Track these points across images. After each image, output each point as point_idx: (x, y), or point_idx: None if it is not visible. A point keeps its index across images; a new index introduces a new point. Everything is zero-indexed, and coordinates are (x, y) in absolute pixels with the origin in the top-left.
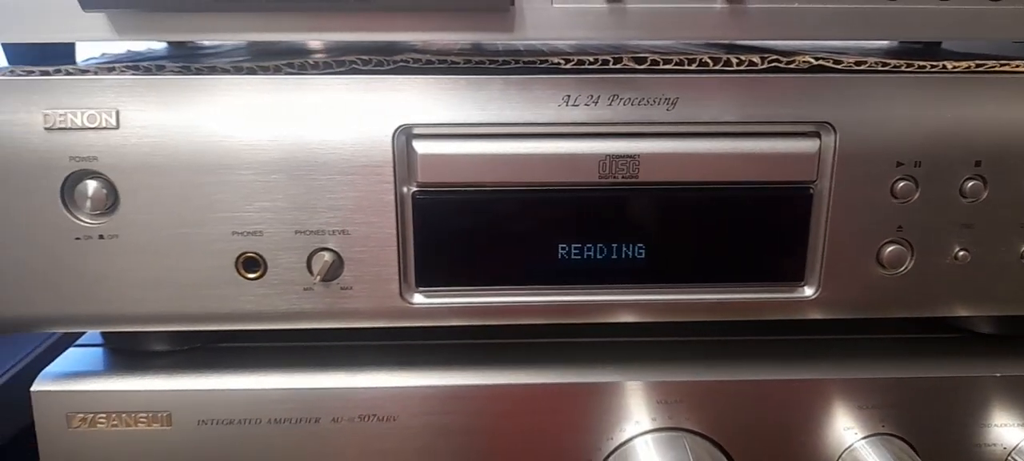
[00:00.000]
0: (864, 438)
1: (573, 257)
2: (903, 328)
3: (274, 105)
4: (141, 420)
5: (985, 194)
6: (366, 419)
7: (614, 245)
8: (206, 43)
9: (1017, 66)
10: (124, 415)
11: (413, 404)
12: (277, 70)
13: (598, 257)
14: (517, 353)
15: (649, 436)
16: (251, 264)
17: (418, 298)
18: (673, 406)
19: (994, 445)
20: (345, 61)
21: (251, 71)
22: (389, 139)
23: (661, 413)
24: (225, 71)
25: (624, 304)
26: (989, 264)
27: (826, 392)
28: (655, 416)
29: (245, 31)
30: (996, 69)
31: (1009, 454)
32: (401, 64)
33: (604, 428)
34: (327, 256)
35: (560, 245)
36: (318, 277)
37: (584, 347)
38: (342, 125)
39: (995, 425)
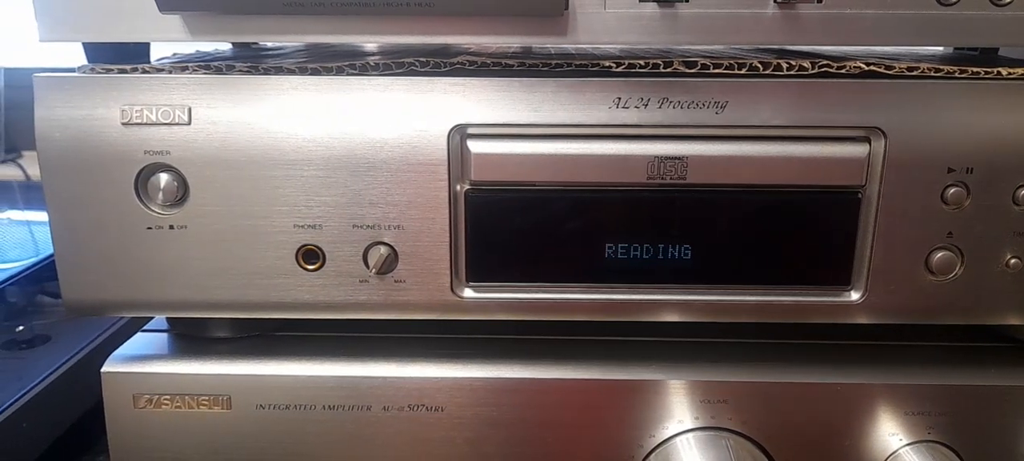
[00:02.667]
0: (909, 444)
1: (620, 256)
2: (952, 336)
3: (335, 104)
4: (203, 403)
5: None
6: (415, 408)
7: (661, 245)
8: (268, 44)
9: None
10: (187, 397)
11: (461, 395)
12: (339, 71)
13: (645, 257)
14: (563, 349)
15: (691, 435)
16: (310, 256)
17: (468, 293)
18: (716, 406)
19: None
20: (404, 63)
21: (314, 71)
22: (444, 138)
23: (704, 412)
24: (290, 71)
25: (669, 304)
26: None
27: (871, 397)
28: (697, 415)
29: (308, 33)
30: None
31: None
32: (457, 66)
33: (647, 425)
34: (383, 250)
35: (607, 244)
36: (374, 270)
37: (629, 345)
38: (399, 124)
39: None
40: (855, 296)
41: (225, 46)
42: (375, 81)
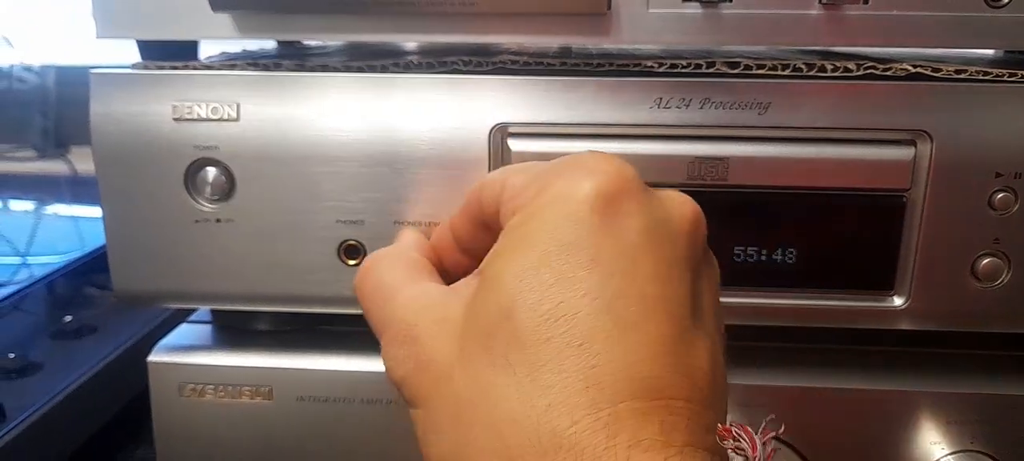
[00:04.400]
0: (951, 454)
1: None
2: (997, 344)
3: (378, 102)
4: (245, 393)
5: None
6: None
7: None
8: (311, 44)
9: None
10: (230, 387)
11: None
12: (384, 69)
13: None
14: None
15: None
16: (352, 251)
17: None
18: (754, 411)
19: None
20: (447, 61)
21: (359, 70)
22: (486, 137)
23: (742, 417)
24: (335, 69)
25: None
26: None
27: (913, 404)
28: (736, 420)
29: (353, 32)
30: None
31: None
32: (498, 65)
33: None
34: None
35: None
36: None
37: None
38: (441, 122)
39: None
40: (899, 302)
41: (269, 45)
42: (418, 79)
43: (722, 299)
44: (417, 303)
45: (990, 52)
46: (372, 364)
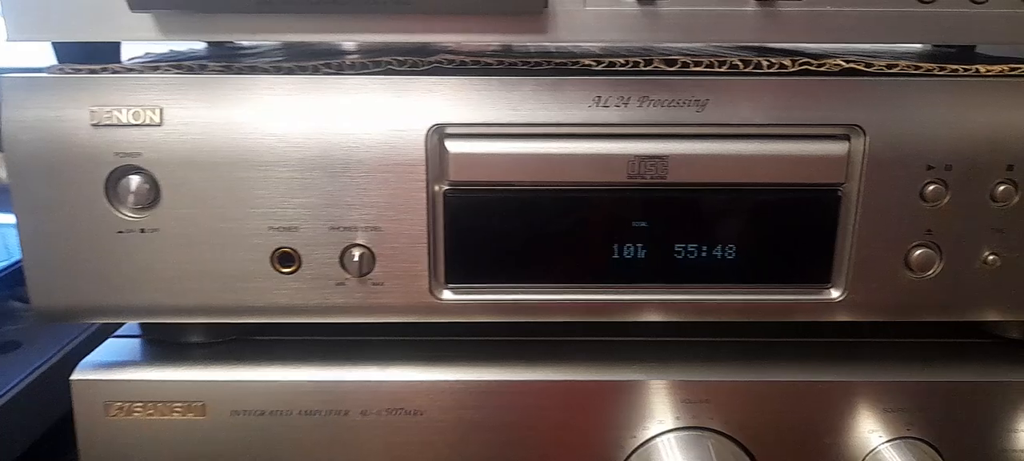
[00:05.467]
0: (889, 441)
1: (600, 257)
2: (931, 332)
3: (311, 104)
4: (176, 409)
5: (1016, 198)
6: (394, 412)
7: (641, 245)
8: (244, 44)
9: None
10: (160, 404)
11: (441, 398)
12: (315, 70)
13: (625, 257)
14: (543, 350)
15: (672, 435)
16: (286, 259)
17: (447, 294)
18: (697, 406)
19: (1020, 451)
20: (381, 62)
21: (289, 71)
22: (422, 138)
23: (685, 412)
24: (264, 71)
25: (651, 303)
26: (1019, 269)
27: (852, 394)
28: (679, 415)
29: (284, 32)
30: None
31: None
32: (435, 65)
33: (628, 426)
34: (360, 252)
35: (588, 245)
36: (351, 272)
37: (609, 346)
38: (377, 124)
39: (1022, 431)
40: (836, 294)
41: (200, 45)
42: (351, 81)
43: (664, 296)
44: None
45: (919, 47)
46: (309, 374)
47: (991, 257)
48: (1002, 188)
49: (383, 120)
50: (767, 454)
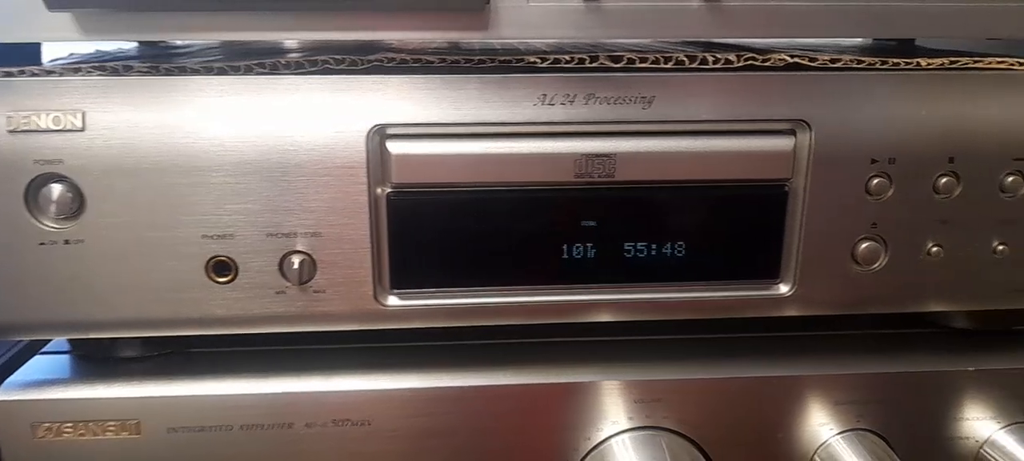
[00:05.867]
0: (840, 433)
1: (550, 257)
2: (879, 324)
3: (245, 106)
4: (109, 428)
5: (958, 190)
6: (340, 423)
7: (590, 245)
8: (179, 42)
9: (989, 63)
10: (91, 424)
11: (389, 407)
12: (248, 70)
13: (575, 257)
14: (493, 354)
15: (626, 435)
16: (222, 268)
17: (392, 300)
18: (650, 405)
19: (967, 438)
20: (317, 61)
21: (221, 71)
22: (363, 140)
23: (638, 412)
24: (194, 71)
25: (600, 304)
26: (962, 260)
27: (802, 388)
28: (632, 415)
29: (217, 30)
30: (969, 66)
31: (981, 447)
32: (375, 63)
33: (581, 428)
34: (300, 259)
35: (536, 246)
36: (291, 280)
37: (560, 347)
38: (315, 126)
39: (968, 419)
40: (785, 289)
41: (131, 45)
42: (287, 81)
43: (615, 296)
44: None
45: (862, 40)
46: (249, 386)
47: (935, 249)
48: (944, 180)
49: (322, 121)
50: (721, 451)
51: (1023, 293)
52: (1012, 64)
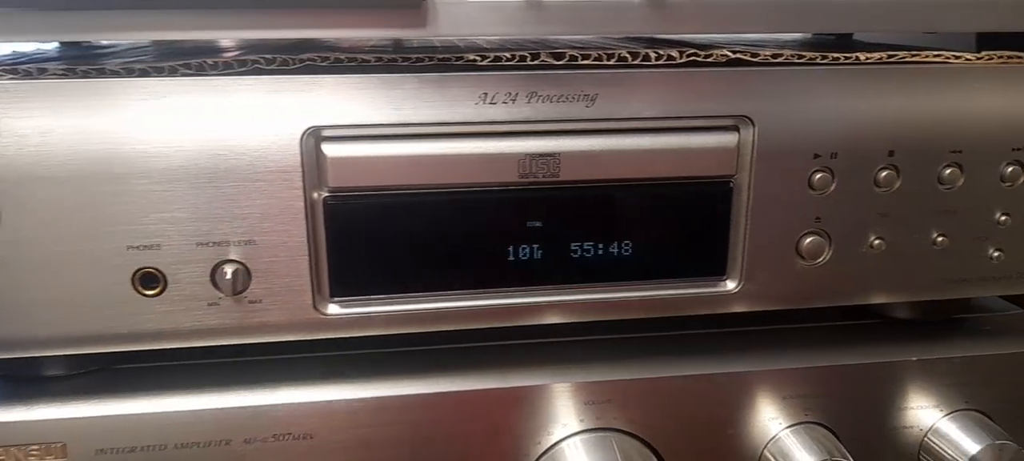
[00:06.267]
0: (789, 427)
1: (495, 260)
2: (824, 316)
3: (171, 109)
4: (33, 453)
5: (898, 183)
6: (281, 438)
7: (536, 246)
8: (104, 42)
9: (926, 57)
10: (13, 448)
11: (332, 419)
12: (173, 71)
13: (521, 259)
14: (439, 360)
15: (578, 438)
16: (149, 280)
17: (333, 309)
18: (601, 406)
19: (911, 427)
20: (247, 61)
21: (144, 73)
22: (297, 142)
23: (589, 414)
24: (115, 73)
25: (548, 305)
26: (904, 252)
27: (751, 384)
28: (583, 417)
29: (143, 29)
30: (907, 60)
31: (925, 435)
32: (308, 63)
33: (532, 432)
34: (233, 268)
35: (481, 248)
36: (224, 291)
37: (508, 350)
38: (246, 129)
39: (912, 408)
40: (731, 286)
41: (52, 45)
42: (215, 82)
43: (562, 297)
44: None
45: (802, 35)
46: (183, 402)
47: (877, 241)
48: (884, 173)
49: (253, 124)
50: (672, 450)
51: (962, 283)
52: (948, 58)
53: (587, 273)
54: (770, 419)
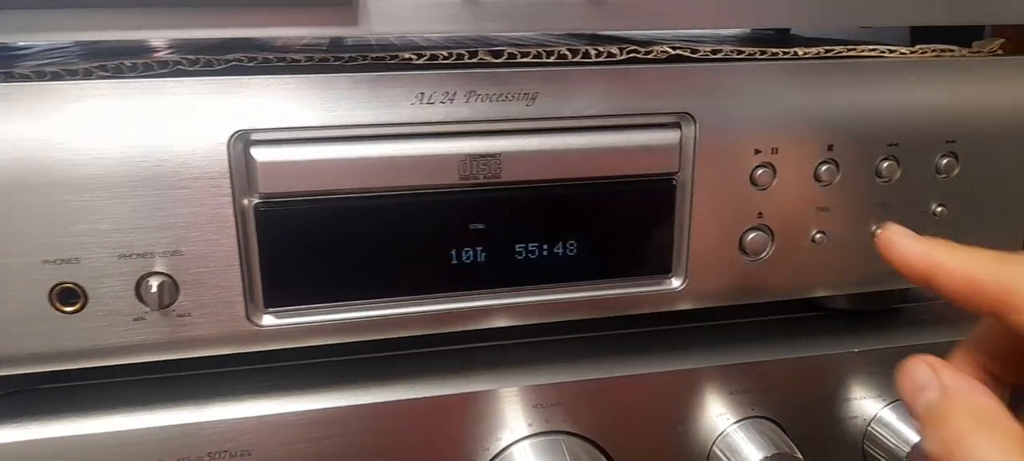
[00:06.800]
0: (736, 423)
1: (437, 264)
2: (767, 310)
3: (89, 114)
4: None
5: (838, 177)
6: (217, 456)
7: (478, 249)
8: (20, 44)
9: (862, 51)
10: None
11: (269, 434)
12: (88, 74)
13: (463, 262)
14: (381, 368)
15: (526, 442)
16: (68, 295)
17: (268, 319)
18: (549, 409)
19: (855, 417)
20: (168, 62)
21: (57, 76)
22: (224, 147)
23: (537, 418)
24: (25, 77)
25: (493, 309)
26: (844, 245)
27: (698, 381)
28: (531, 421)
29: (58, 30)
30: (844, 54)
31: (869, 425)
32: (234, 63)
33: (479, 439)
34: (159, 281)
35: (422, 252)
36: (149, 305)
37: (452, 355)
38: (170, 134)
39: (855, 398)
40: (677, 283)
41: None
42: (135, 85)
43: (507, 300)
44: None
45: (741, 31)
46: (110, 423)
47: (818, 235)
48: (824, 168)
49: (176, 129)
50: (622, 450)
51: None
52: (883, 52)
53: (531, 275)
54: (718, 415)
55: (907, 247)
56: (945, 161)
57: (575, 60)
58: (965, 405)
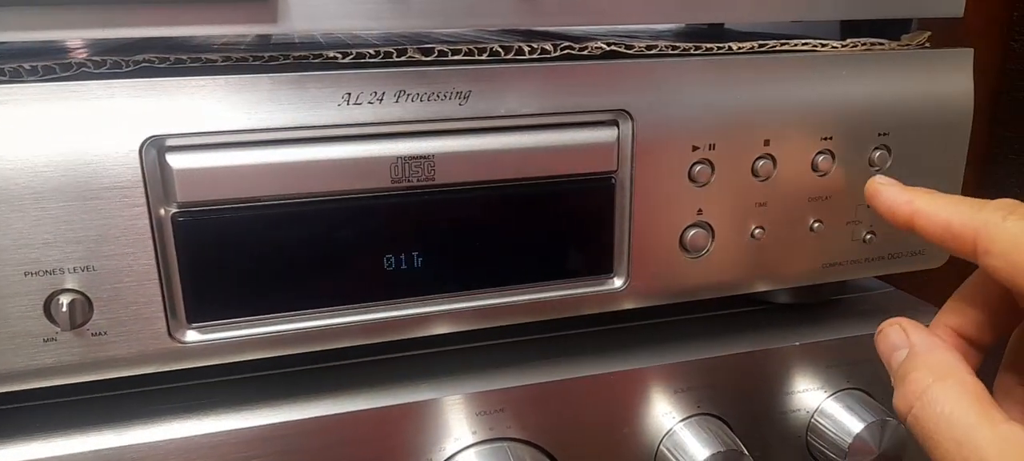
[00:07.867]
0: (682, 421)
1: (371, 271)
2: (709, 306)
3: None
4: None
5: (775, 172)
6: None
7: (414, 254)
8: None
9: (795, 45)
10: None
11: (198, 456)
12: None
13: (398, 269)
14: (316, 381)
15: (472, 450)
16: None
17: (191, 335)
18: (493, 416)
19: (798, 410)
20: (71, 64)
21: None
22: (136, 154)
23: (482, 425)
24: None
25: (431, 316)
26: (783, 239)
27: (643, 380)
28: (475, 429)
29: None
30: (777, 48)
31: (812, 416)
32: (143, 65)
33: (423, 449)
34: (70, 298)
35: (355, 260)
36: (60, 324)
37: (391, 364)
38: (75, 141)
39: (798, 391)
40: (619, 283)
41: None
42: (33, 90)
43: (446, 306)
44: (1007, 455)
45: (676, 26)
46: (21, 452)
47: (758, 231)
48: (761, 163)
49: (83, 136)
50: (568, 453)
51: (839, 266)
52: (815, 46)
53: (470, 279)
54: (664, 414)
55: (892, 195)
56: (878, 154)
57: (508, 57)
58: (927, 361)
